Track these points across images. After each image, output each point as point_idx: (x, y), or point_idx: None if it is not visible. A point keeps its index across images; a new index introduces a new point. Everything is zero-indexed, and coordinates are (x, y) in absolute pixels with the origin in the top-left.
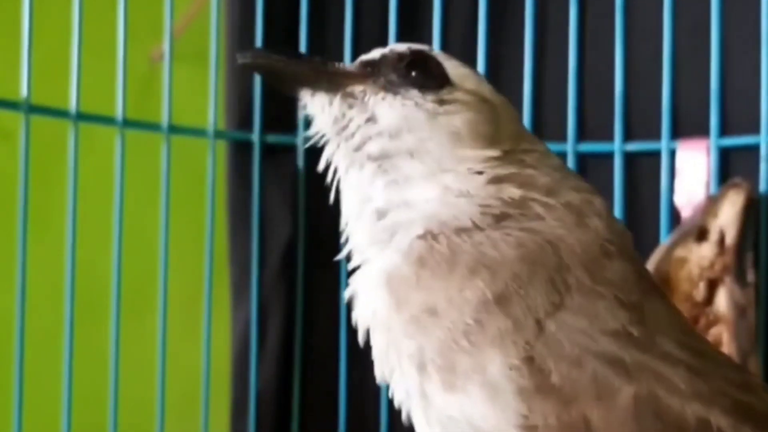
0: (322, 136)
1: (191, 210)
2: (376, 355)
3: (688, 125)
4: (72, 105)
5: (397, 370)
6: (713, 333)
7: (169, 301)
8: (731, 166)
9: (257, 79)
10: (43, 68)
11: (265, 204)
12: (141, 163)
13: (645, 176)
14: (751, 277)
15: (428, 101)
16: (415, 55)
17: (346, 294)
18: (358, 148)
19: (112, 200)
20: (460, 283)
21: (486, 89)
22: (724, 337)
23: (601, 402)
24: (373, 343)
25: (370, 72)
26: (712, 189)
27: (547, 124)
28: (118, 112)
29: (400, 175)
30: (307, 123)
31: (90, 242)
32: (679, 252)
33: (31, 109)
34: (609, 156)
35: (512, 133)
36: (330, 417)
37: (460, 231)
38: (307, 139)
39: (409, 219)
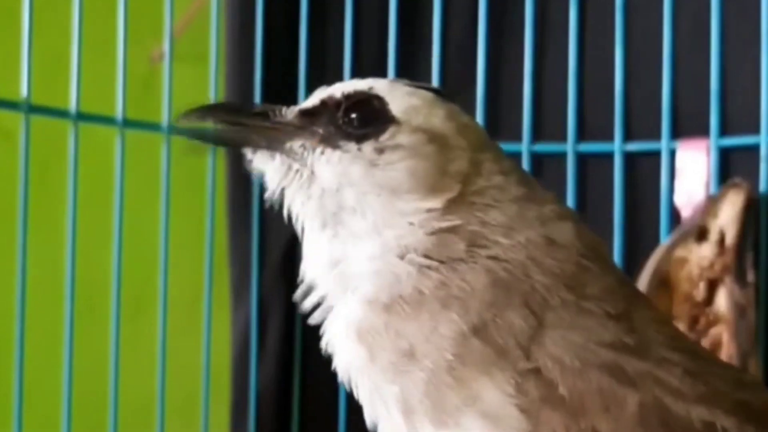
0: (274, 191)
1: (191, 210)
2: (362, 401)
3: (688, 125)
4: (72, 105)
5: (384, 414)
6: (713, 333)
7: (169, 301)
8: (731, 166)
9: (257, 79)
10: (43, 68)
11: (265, 204)
12: (141, 163)
13: (645, 176)
14: (751, 277)
15: (366, 152)
16: (350, 99)
17: (323, 345)
18: (303, 204)
19: (112, 200)
20: (431, 320)
21: (438, 119)
22: (724, 337)
23: (609, 413)
24: (357, 389)
25: (310, 122)
26: (712, 189)
27: (547, 124)
28: (118, 112)
29: (345, 231)
30: None
31: (90, 242)
32: (679, 252)
33: (31, 109)
34: (609, 156)
35: (464, 170)
36: (330, 417)
37: (403, 290)
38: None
39: (357, 274)
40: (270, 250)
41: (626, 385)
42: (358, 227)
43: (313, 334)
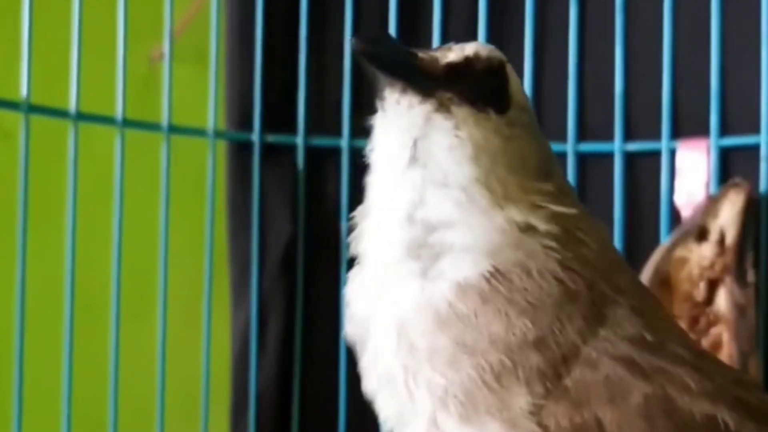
0: (386, 129)
1: (191, 210)
2: (375, 366)
3: (689, 125)
4: (72, 105)
5: (402, 391)
6: (713, 333)
7: (169, 302)
8: (731, 166)
9: (257, 79)
10: (42, 68)
11: (265, 204)
12: (141, 163)
13: (645, 176)
14: (751, 277)
15: (502, 123)
16: (496, 65)
17: (345, 293)
18: (427, 164)
19: (112, 200)
20: (507, 323)
21: (527, 101)
22: (724, 337)
23: (614, 403)
24: (376, 355)
25: (455, 78)
26: (713, 189)
27: (547, 124)
28: (118, 112)
29: (466, 198)
30: (309, 124)
31: (90, 242)
32: (679, 252)
33: (31, 108)
34: (609, 156)
35: (554, 159)
36: (330, 417)
37: (519, 269)
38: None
39: (463, 245)
40: (270, 250)
41: (638, 377)
42: (479, 198)
43: (313, 334)
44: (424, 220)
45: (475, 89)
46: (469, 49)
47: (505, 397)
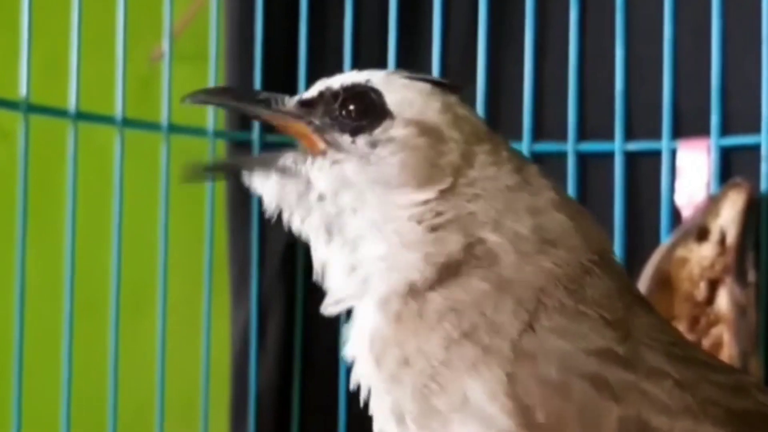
0: (275, 210)
1: (191, 210)
2: (373, 414)
3: (689, 125)
4: (71, 105)
5: (386, 427)
6: (714, 333)
7: (168, 301)
8: (732, 166)
9: (257, 79)
10: (42, 68)
11: (265, 204)
12: (140, 162)
13: (646, 176)
14: (751, 277)
15: (360, 146)
16: (347, 92)
17: (345, 356)
18: (304, 218)
19: (111, 200)
20: (428, 331)
21: (432, 111)
22: (724, 337)
23: (588, 430)
24: (370, 401)
25: (307, 113)
26: (713, 189)
27: (547, 124)
28: (118, 112)
29: (351, 235)
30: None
31: (89, 242)
32: (680, 252)
33: (30, 108)
34: (609, 156)
35: (456, 162)
36: (330, 417)
37: (421, 286)
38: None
39: (374, 275)
40: (270, 250)
41: (608, 399)
42: (361, 227)
43: (313, 334)
44: (344, 267)
45: (326, 118)
46: (329, 82)
47: (456, 395)
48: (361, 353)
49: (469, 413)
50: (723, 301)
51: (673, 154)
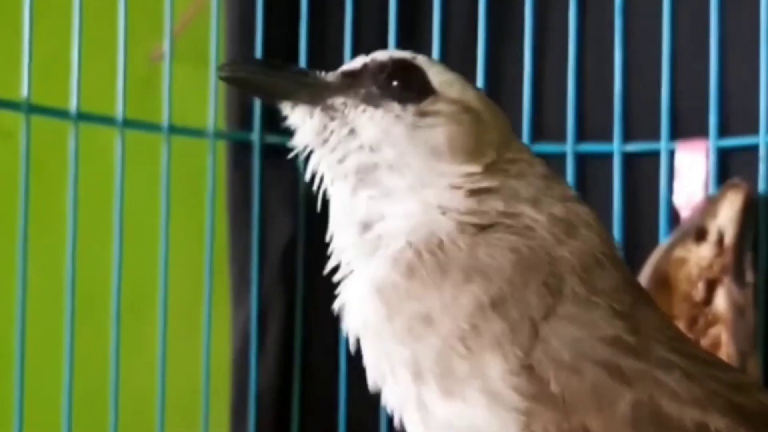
0: (305, 147)
1: (191, 210)
2: (368, 363)
3: (687, 126)
4: (72, 105)
5: (389, 378)
6: (712, 333)
7: (169, 301)
8: (730, 167)
9: None
10: (43, 68)
11: (265, 204)
12: (141, 163)
13: (644, 177)
14: (750, 277)
15: (408, 114)
16: (396, 64)
17: (335, 305)
18: (340, 161)
19: (112, 200)
20: (454, 289)
21: (471, 96)
22: (723, 338)
23: (602, 411)
24: (364, 351)
25: (351, 83)
26: (711, 189)
27: (547, 124)
28: (118, 113)
29: (382, 189)
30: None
31: (90, 242)
32: (678, 252)
33: (32, 109)
34: (608, 156)
35: (496, 142)
36: (330, 417)
37: (441, 244)
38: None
39: (392, 232)
40: (270, 250)
41: (621, 383)
42: (395, 185)
43: (313, 334)
44: (362, 222)
45: (373, 87)
46: (370, 57)
47: (478, 365)
48: (366, 301)
49: (484, 388)
50: (721, 301)
51: (671, 155)
